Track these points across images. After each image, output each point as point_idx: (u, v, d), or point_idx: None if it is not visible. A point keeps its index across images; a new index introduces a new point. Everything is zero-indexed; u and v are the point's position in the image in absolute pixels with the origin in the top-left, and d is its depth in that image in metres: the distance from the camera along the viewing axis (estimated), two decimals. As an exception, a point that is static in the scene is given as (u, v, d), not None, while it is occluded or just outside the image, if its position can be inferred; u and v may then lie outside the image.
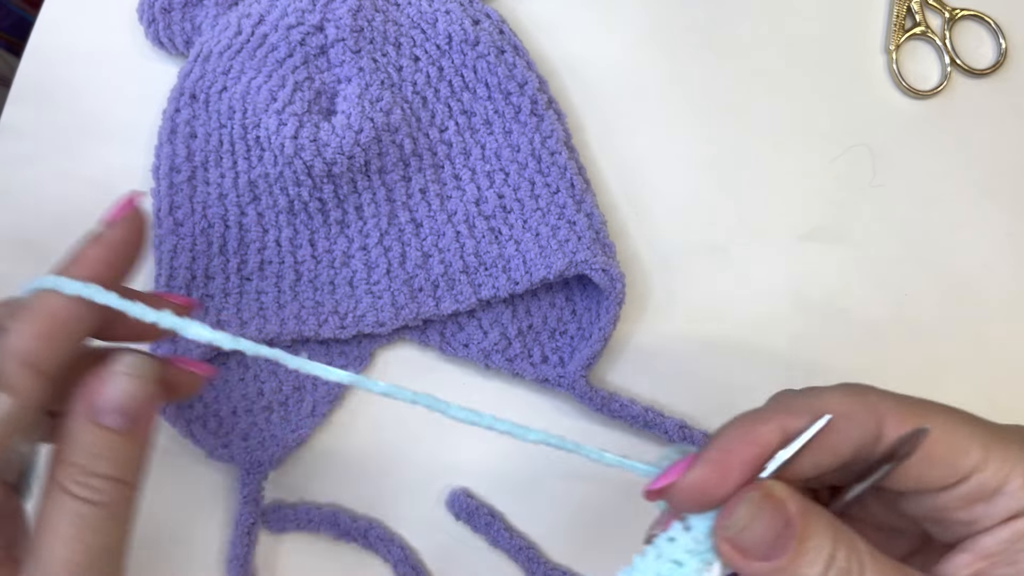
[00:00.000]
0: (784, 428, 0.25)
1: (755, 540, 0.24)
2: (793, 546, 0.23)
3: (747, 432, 0.25)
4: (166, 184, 0.44)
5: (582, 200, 0.43)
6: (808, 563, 0.23)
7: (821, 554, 0.23)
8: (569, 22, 0.48)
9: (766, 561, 0.23)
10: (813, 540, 0.23)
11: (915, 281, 0.45)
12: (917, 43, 0.48)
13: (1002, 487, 0.24)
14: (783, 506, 0.24)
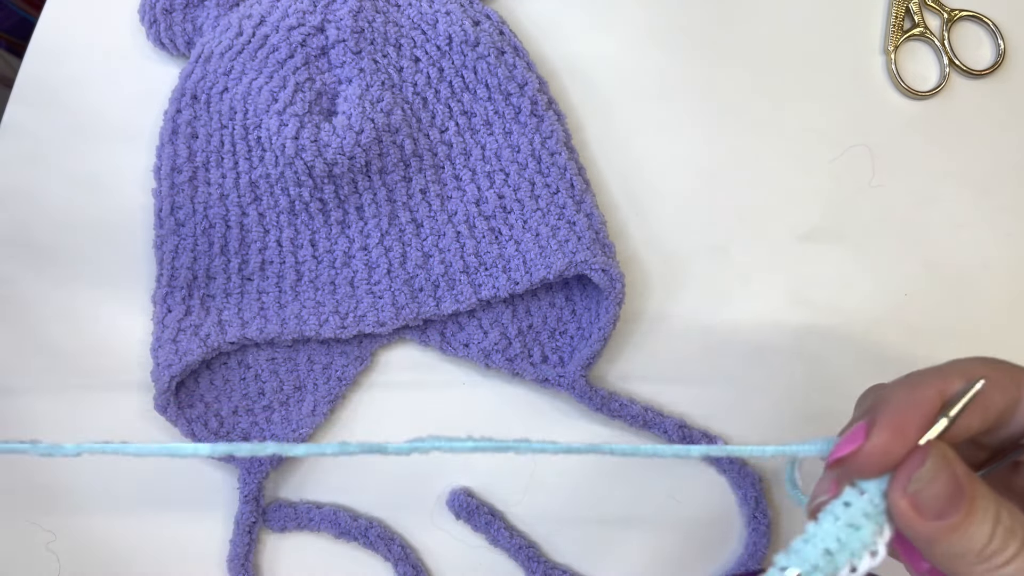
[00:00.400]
0: (942, 392, 0.26)
1: (933, 498, 0.24)
2: (965, 505, 0.24)
3: (912, 396, 0.26)
4: (167, 184, 0.44)
5: (582, 200, 0.43)
6: (979, 521, 0.24)
7: (988, 514, 0.24)
8: (569, 23, 0.48)
9: (940, 520, 0.24)
10: (981, 500, 0.24)
11: (915, 281, 0.45)
12: (916, 44, 0.48)
13: None
14: (953, 467, 0.25)
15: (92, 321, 0.44)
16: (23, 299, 0.45)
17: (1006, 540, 0.24)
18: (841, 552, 0.25)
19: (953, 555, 0.25)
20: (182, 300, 0.43)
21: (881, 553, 0.25)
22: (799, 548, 0.25)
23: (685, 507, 0.43)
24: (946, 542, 0.25)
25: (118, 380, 0.44)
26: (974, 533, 0.24)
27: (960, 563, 0.25)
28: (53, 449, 0.24)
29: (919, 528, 0.25)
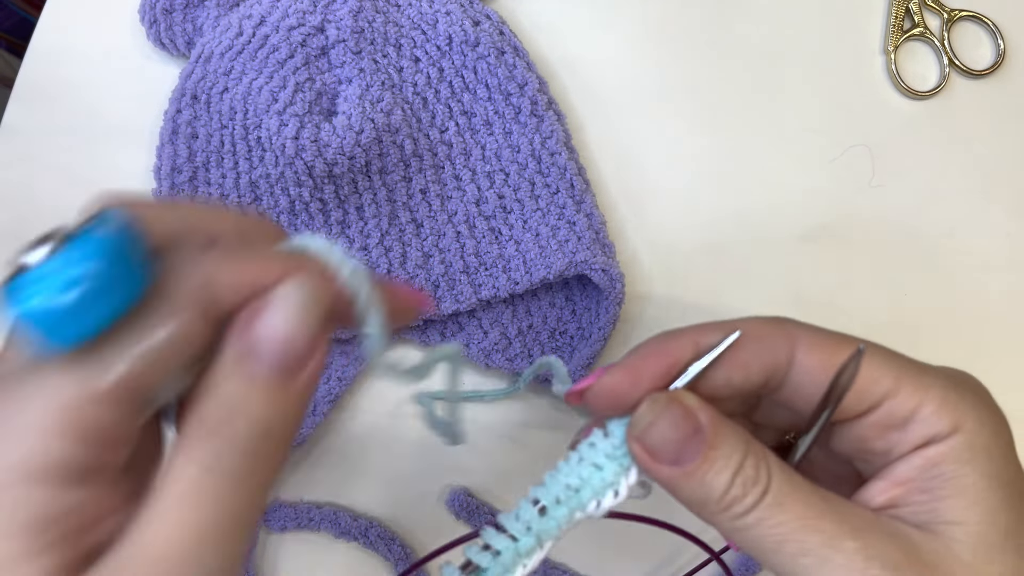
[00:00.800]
0: (697, 343, 0.26)
1: (663, 442, 0.24)
2: (702, 452, 0.24)
3: (661, 345, 0.26)
4: (167, 185, 0.44)
5: (582, 200, 0.43)
6: (716, 471, 0.24)
7: (730, 463, 0.24)
8: (569, 23, 0.48)
9: (675, 466, 0.24)
10: (723, 449, 0.24)
11: (914, 281, 0.45)
12: (916, 44, 0.48)
13: (914, 414, 0.24)
14: (692, 414, 0.24)
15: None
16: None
17: (746, 489, 0.23)
18: (584, 488, 0.25)
19: (694, 502, 0.24)
20: (182, 300, 0.43)
21: (623, 493, 0.25)
22: (547, 481, 0.26)
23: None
24: (685, 488, 0.24)
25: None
26: (711, 481, 0.24)
27: (703, 510, 0.24)
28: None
29: (655, 472, 0.25)
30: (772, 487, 0.24)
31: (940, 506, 0.24)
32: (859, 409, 0.25)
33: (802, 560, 0.23)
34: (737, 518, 0.24)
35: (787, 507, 0.23)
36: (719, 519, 0.24)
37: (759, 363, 0.25)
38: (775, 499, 0.23)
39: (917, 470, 0.24)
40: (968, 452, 0.24)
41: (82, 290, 0.18)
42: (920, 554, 0.23)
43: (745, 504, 0.23)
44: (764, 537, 0.23)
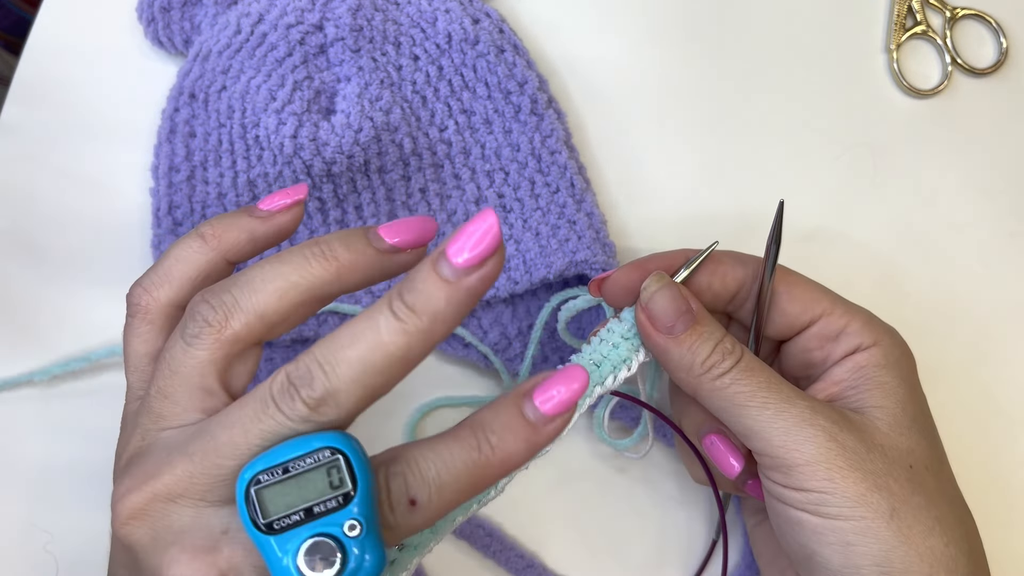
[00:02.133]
0: (687, 256, 0.34)
1: (662, 310, 0.31)
2: (691, 323, 0.31)
3: (660, 255, 0.34)
4: (165, 183, 0.44)
5: (582, 199, 0.43)
6: (702, 340, 0.31)
7: (712, 335, 0.31)
8: (569, 21, 0.48)
9: (670, 333, 0.31)
10: (707, 326, 0.32)
11: (916, 280, 0.45)
12: (918, 42, 0.48)
13: (844, 328, 0.33)
14: (685, 297, 0.32)
15: (89, 321, 0.44)
16: (19, 298, 0.45)
17: (724, 356, 0.31)
18: (604, 364, 0.32)
19: (681, 366, 0.31)
20: (180, 300, 0.43)
21: (634, 367, 0.33)
22: (573, 360, 0.32)
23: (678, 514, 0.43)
24: (676, 352, 0.31)
25: (115, 381, 0.44)
26: (698, 348, 0.31)
27: (688, 374, 0.31)
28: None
29: (655, 339, 0.32)
30: (744, 358, 0.31)
31: (865, 396, 0.32)
32: (803, 321, 0.33)
33: (765, 411, 0.30)
34: (715, 379, 0.31)
35: (755, 373, 0.31)
36: (700, 380, 0.31)
37: (731, 277, 0.34)
38: (746, 366, 0.31)
39: (848, 372, 0.32)
40: (884, 359, 0.32)
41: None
42: (852, 421, 0.31)
43: (723, 367, 0.31)
44: (737, 394, 0.30)
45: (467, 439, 0.25)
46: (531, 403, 0.25)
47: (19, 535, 0.43)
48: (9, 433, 0.43)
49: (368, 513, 0.23)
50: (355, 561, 0.22)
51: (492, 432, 0.25)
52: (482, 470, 0.25)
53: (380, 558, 0.23)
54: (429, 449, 0.25)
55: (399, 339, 0.24)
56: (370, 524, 0.23)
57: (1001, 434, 0.44)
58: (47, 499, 0.43)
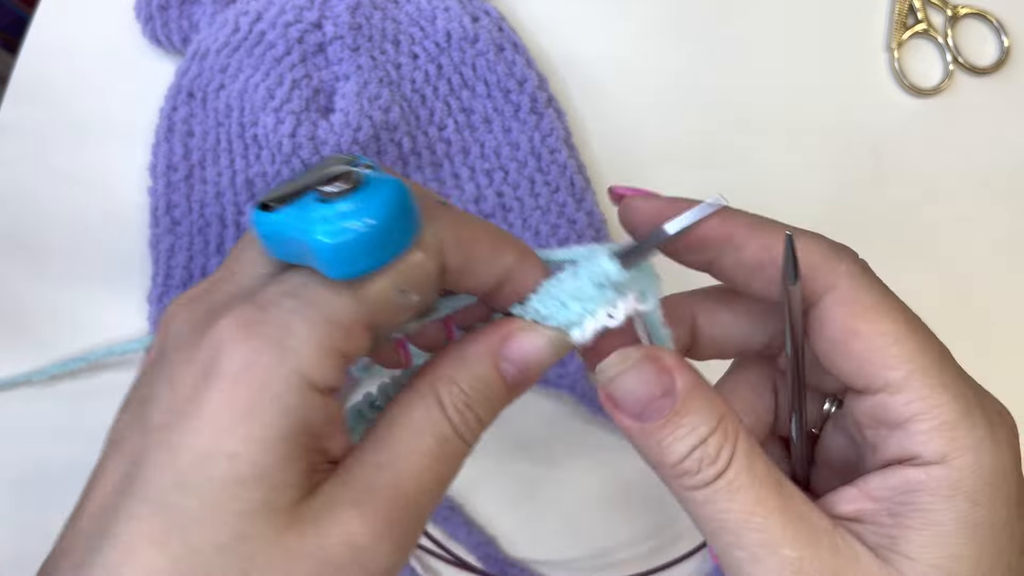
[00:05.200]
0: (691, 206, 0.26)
1: (627, 395, 0.24)
2: (668, 414, 0.23)
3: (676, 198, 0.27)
4: (163, 182, 0.43)
5: (582, 198, 0.43)
6: (676, 437, 0.23)
7: (693, 434, 0.23)
8: (569, 20, 0.48)
9: (636, 420, 0.24)
10: (690, 418, 0.23)
11: (919, 279, 0.45)
12: (919, 41, 0.48)
13: (907, 422, 0.22)
14: (668, 373, 0.24)
15: (87, 320, 0.44)
16: (17, 298, 0.44)
17: (701, 465, 0.23)
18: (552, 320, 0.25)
19: (648, 459, 0.24)
20: (178, 299, 0.42)
21: (588, 333, 0.25)
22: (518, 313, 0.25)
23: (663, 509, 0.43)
24: (641, 443, 0.24)
25: (113, 380, 0.43)
26: (669, 446, 0.23)
27: (656, 468, 0.24)
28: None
29: (617, 420, 0.24)
30: (729, 472, 0.23)
31: (901, 536, 0.22)
32: (856, 383, 0.23)
33: (736, 552, 0.22)
34: (686, 489, 0.23)
35: (737, 497, 0.22)
36: (669, 482, 0.24)
37: (749, 258, 0.25)
38: (728, 485, 0.22)
39: (891, 490, 0.22)
40: (949, 489, 0.22)
41: (373, 232, 0.20)
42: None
43: (696, 480, 0.23)
44: (708, 518, 0.23)
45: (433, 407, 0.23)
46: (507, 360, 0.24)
47: (17, 536, 0.42)
48: (8, 433, 0.43)
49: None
50: (370, 178, 0.21)
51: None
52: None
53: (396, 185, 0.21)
54: None
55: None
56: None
57: (1003, 434, 0.44)
58: (46, 500, 0.43)
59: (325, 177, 0.21)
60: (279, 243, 0.21)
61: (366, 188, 0.20)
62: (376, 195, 0.20)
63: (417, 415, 0.22)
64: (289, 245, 0.21)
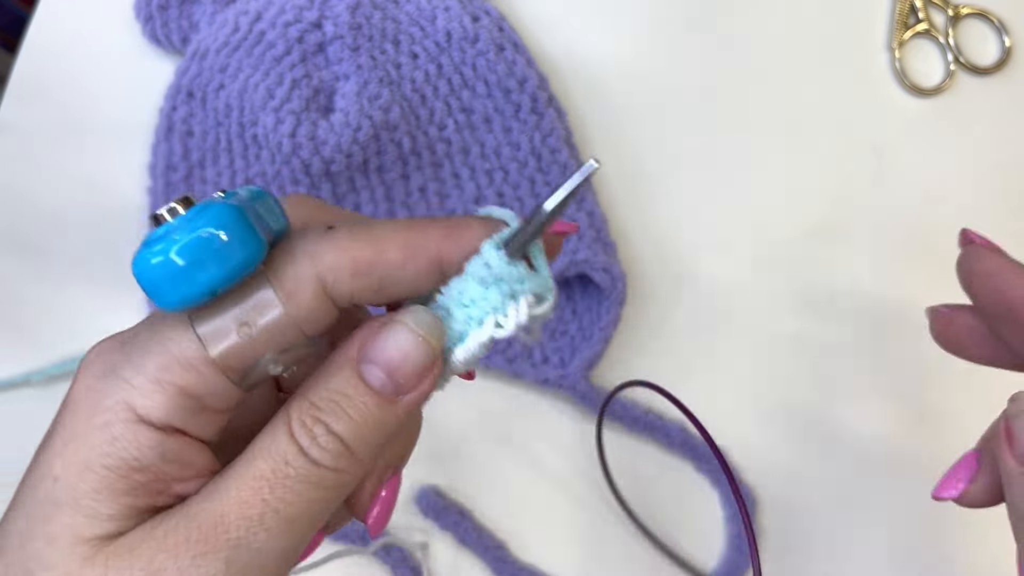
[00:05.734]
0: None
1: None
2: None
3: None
4: (163, 182, 0.43)
5: (583, 198, 0.42)
6: None
7: None
8: (570, 19, 0.47)
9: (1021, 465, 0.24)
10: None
11: (918, 279, 0.45)
12: (920, 41, 0.47)
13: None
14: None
15: (86, 320, 0.44)
16: (16, 297, 0.44)
17: None
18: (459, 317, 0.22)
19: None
20: (177, 300, 0.42)
21: (508, 328, 0.22)
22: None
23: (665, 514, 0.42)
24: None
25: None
26: None
27: None
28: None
29: (1005, 462, 0.24)
30: None
31: None
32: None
33: None
34: None
35: None
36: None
37: None
38: None
39: None
40: None
41: (193, 253, 0.18)
42: None
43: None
44: None
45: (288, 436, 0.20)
46: (372, 368, 0.21)
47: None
48: (6, 434, 0.43)
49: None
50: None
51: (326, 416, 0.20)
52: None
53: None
54: None
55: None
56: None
57: (1004, 435, 0.44)
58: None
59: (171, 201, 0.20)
60: None
61: (194, 212, 0.19)
62: (195, 219, 0.19)
63: (259, 440, 0.20)
64: None
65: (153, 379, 0.20)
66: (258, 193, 0.21)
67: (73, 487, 0.19)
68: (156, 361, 0.20)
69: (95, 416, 0.20)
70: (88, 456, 0.19)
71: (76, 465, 0.20)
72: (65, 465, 0.20)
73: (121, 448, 0.19)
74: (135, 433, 0.19)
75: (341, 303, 0.21)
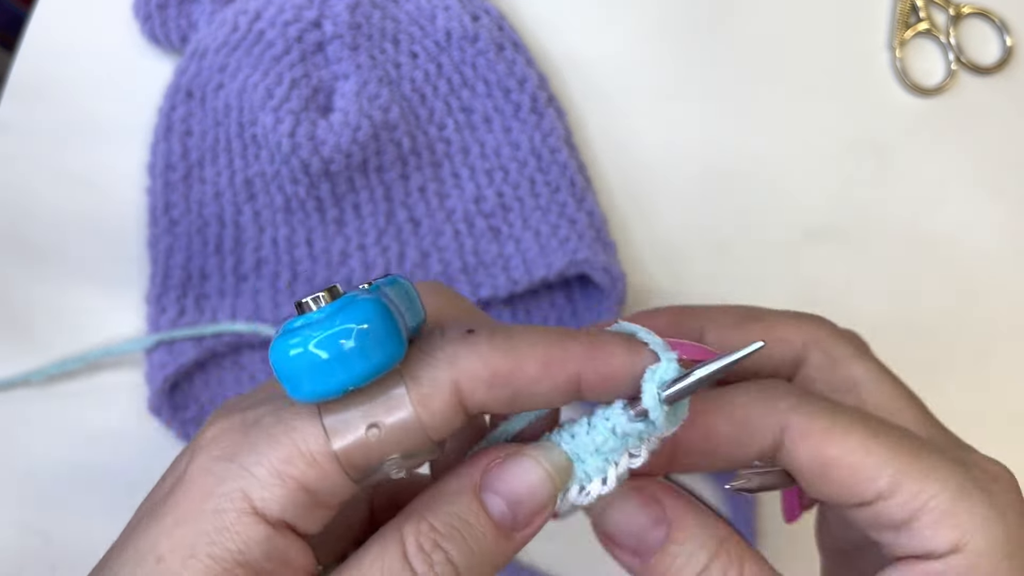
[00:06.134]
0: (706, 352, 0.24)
1: (620, 530, 0.22)
2: (664, 545, 0.22)
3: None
4: (162, 182, 0.43)
5: (583, 198, 0.42)
6: (676, 568, 0.21)
7: (692, 561, 0.21)
8: (570, 18, 0.47)
9: (635, 558, 0.22)
10: (687, 545, 0.22)
11: (921, 280, 0.44)
12: (921, 40, 0.47)
13: (910, 521, 0.22)
14: (656, 502, 0.22)
15: (85, 321, 0.44)
16: (15, 298, 0.44)
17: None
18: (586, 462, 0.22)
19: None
20: (176, 300, 0.42)
21: (611, 482, 0.22)
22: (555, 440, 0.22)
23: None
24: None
25: (111, 381, 0.43)
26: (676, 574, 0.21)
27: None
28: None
29: (619, 559, 0.22)
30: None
31: None
32: (850, 501, 0.22)
33: None
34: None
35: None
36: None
37: (742, 451, 0.23)
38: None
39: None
40: (972, 571, 0.21)
41: (334, 348, 0.18)
42: None
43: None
44: None
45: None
46: (495, 498, 0.20)
47: (16, 536, 0.42)
48: (5, 434, 0.43)
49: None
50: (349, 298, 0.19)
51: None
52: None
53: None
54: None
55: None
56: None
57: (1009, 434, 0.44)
58: (44, 500, 0.43)
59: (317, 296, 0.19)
60: None
61: (339, 305, 0.19)
62: (340, 313, 0.18)
63: (370, 555, 0.20)
64: None
65: (275, 472, 0.19)
66: (396, 282, 0.21)
67: (176, 573, 0.19)
68: (281, 453, 0.19)
69: (208, 501, 0.19)
70: (195, 542, 0.19)
71: (183, 549, 0.19)
72: (172, 548, 0.19)
73: (229, 539, 0.19)
74: (246, 526, 0.19)
75: (472, 411, 0.20)
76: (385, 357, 0.19)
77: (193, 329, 0.41)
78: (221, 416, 0.21)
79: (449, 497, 0.20)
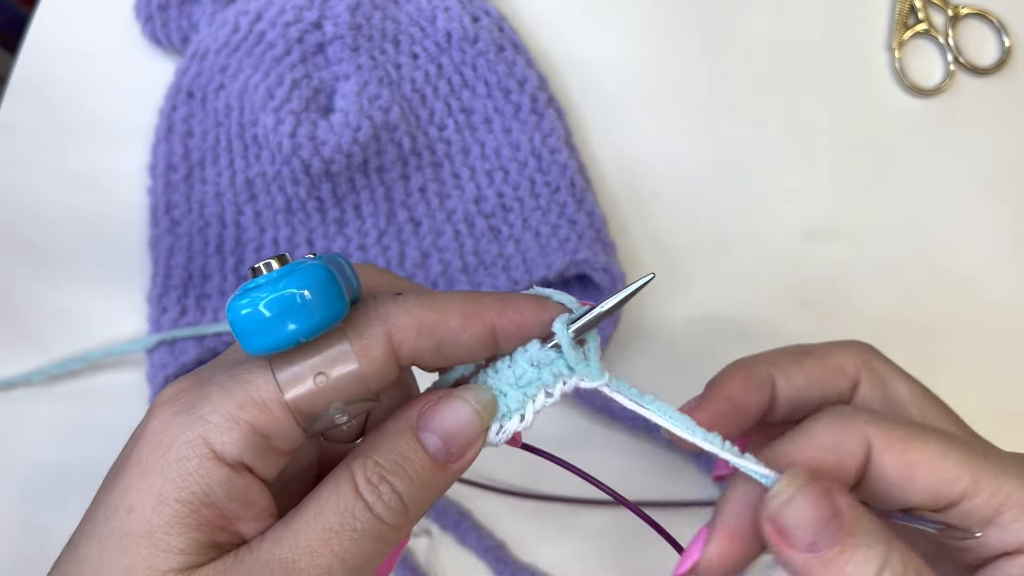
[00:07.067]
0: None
1: (799, 522, 0.22)
2: (842, 538, 0.22)
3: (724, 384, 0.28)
4: (163, 183, 0.43)
5: (583, 198, 0.42)
6: (859, 560, 0.21)
7: (873, 554, 0.22)
8: (570, 20, 0.47)
9: (810, 552, 0.22)
10: (864, 537, 0.22)
11: (918, 280, 0.45)
12: (920, 41, 0.47)
13: (995, 517, 0.23)
14: (832, 495, 0.22)
15: (87, 320, 0.44)
16: (16, 298, 0.44)
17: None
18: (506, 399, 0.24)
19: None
20: (177, 300, 0.42)
21: (528, 417, 0.24)
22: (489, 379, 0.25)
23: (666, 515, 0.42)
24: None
25: (113, 381, 0.43)
26: (853, 572, 0.21)
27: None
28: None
29: (787, 558, 0.22)
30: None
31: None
32: (937, 504, 0.24)
33: None
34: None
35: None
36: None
37: (842, 471, 0.24)
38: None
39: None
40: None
41: (279, 307, 0.20)
42: None
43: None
44: None
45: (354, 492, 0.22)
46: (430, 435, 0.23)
47: (16, 536, 0.42)
48: (6, 434, 0.43)
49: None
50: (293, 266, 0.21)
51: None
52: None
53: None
54: None
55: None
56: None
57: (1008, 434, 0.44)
58: (44, 500, 0.43)
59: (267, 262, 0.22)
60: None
61: (287, 270, 0.21)
62: (289, 276, 0.21)
63: (325, 492, 0.22)
64: None
65: (230, 417, 0.21)
66: (336, 258, 0.23)
67: (147, 520, 0.20)
68: (234, 400, 0.21)
69: (171, 450, 0.21)
70: (163, 489, 0.20)
71: (151, 498, 0.20)
72: (140, 497, 0.20)
73: (194, 483, 0.20)
74: (208, 469, 0.21)
75: (404, 362, 0.23)
76: (330, 312, 0.21)
77: (194, 329, 0.41)
78: (175, 383, 0.22)
79: (390, 437, 0.23)
